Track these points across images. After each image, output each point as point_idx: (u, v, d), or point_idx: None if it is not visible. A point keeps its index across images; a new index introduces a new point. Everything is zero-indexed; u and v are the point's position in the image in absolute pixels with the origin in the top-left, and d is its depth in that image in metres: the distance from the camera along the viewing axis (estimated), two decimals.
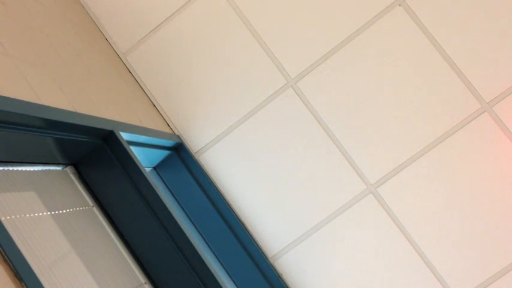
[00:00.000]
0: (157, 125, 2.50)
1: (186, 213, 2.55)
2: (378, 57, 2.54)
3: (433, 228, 2.47)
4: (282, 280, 2.52)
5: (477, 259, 2.44)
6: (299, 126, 2.57)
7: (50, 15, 2.14)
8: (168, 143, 2.47)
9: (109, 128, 1.87)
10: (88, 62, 2.20)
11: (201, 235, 2.55)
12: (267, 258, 2.54)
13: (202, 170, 2.59)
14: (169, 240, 1.90)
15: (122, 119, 2.10)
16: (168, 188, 2.55)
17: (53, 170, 1.77)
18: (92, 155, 1.87)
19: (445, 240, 2.46)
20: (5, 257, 1.16)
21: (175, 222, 1.91)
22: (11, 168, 1.55)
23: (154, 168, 2.55)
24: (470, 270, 2.44)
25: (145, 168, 2.19)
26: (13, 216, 1.43)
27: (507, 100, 2.46)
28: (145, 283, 1.87)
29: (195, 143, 2.64)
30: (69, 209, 1.72)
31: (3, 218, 1.38)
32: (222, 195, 2.58)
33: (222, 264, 2.52)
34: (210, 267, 1.91)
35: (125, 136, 1.98)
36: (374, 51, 2.54)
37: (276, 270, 2.53)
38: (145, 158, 2.33)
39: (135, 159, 1.91)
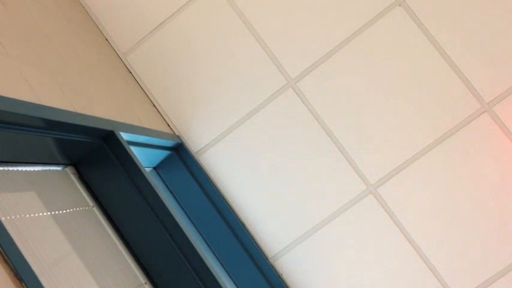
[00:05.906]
0: (157, 125, 2.50)
1: (186, 213, 2.55)
2: (377, 57, 2.54)
3: (433, 228, 2.47)
4: (282, 280, 2.52)
5: (477, 259, 2.44)
6: (299, 126, 2.57)
7: (50, 15, 2.13)
8: (168, 143, 2.47)
9: (109, 128, 1.87)
10: (88, 62, 2.20)
11: (201, 235, 2.55)
12: (267, 258, 2.54)
13: (202, 170, 2.59)
14: (170, 241, 1.90)
15: (122, 119, 2.10)
16: (168, 188, 2.55)
17: (53, 170, 1.77)
18: (92, 155, 1.87)
19: (445, 240, 2.46)
20: (5, 257, 1.16)
21: (175, 222, 1.91)
22: (11, 168, 1.55)
23: (154, 168, 2.54)
24: (470, 270, 2.44)
25: (146, 168, 2.19)
26: (13, 216, 1.43)
27: (507, 100, 2.46)
28: (145, 283, 1.87)
29: (195, 143, 2.64)
30: (69, 209, 1.72)
31: (3, 218, 1.38)
32: (222, 195, 2.58)
33: (222, 264, 2.52)
34: (210, 267, 1.91)
35: (124, 136, 1.98)
36: (374, 52, 2.54)
37: (276, 270, 2.53)
38: (145, 158, 2.33)
39: (135, 159, 1.91)
